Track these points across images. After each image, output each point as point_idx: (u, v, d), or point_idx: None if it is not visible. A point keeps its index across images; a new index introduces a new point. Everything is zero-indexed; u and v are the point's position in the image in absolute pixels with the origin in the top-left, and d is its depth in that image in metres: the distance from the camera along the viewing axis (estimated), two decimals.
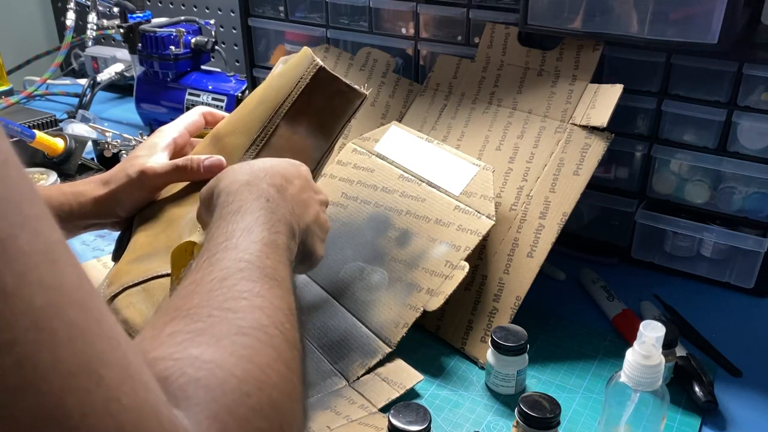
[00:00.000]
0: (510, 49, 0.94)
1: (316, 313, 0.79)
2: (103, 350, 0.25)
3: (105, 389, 0.25)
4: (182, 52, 1.30)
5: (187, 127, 0.76)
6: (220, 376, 0.32)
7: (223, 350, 0.33)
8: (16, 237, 0.24)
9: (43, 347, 0.23)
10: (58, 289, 0.25)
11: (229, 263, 0.41)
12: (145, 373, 0.28)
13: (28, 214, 0.25)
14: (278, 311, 0.39)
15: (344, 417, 0.67)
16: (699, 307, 0.87)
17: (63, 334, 0.24)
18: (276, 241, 0.46)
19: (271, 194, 0.51)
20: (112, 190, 0.70)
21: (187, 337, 0.34)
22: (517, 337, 0.71)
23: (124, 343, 0.27)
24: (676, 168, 0.91)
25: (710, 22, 0.75)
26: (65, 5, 1.51)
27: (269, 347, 0.36)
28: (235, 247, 0.43)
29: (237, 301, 0.38)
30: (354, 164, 0.90)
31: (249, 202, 0.49)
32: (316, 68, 0.72)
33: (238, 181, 0.52)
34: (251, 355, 0.34)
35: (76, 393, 0.24)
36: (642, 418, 0.58)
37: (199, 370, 0.31)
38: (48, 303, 0.24)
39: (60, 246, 0.26)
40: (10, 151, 0.26)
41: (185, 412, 0.29)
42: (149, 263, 0.66)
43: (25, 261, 0.24)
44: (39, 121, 1.28)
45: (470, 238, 0.77)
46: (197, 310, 0.36)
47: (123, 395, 0.25)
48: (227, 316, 0.36)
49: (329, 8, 1.09)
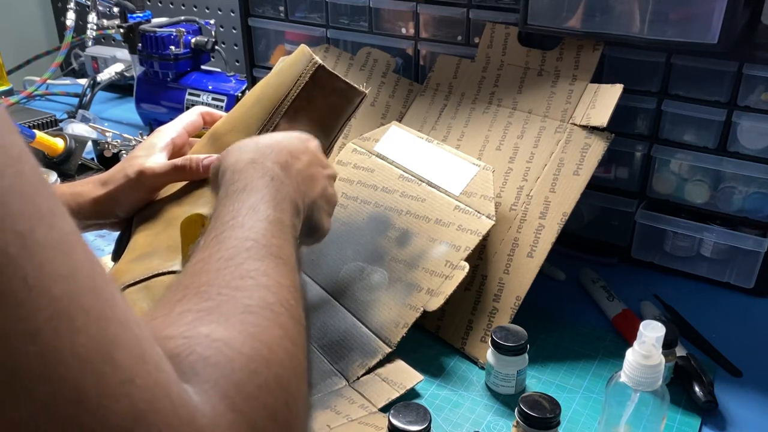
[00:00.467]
0: (510, 49, 0.94)
1: (316, 313, 0.79)
2: (116, 334, 0.26)
3: (119, 371, 0.26)
4: (182, 52, 1.30)
5: (185, 127, 0.76)
6: (228, 354, 0.33)
7: (232, 329, 0.34)
8: (34, 231, 0.25)
9: (63, 334, 0.24)
10: (74, 277, 0.26)
11: (236, 242, 0.42)
12: (156, 353, 0.29)
13: (43, 208, 0.26)
14: (283, 289, 0.40)
15: (344, 416, 0.67)
16: (699, 307, 0.87)
17: (79, 320, 0.25)
18: (281, 219, 0.47)
19: (275, 172, 0.52)
20: (111, 190, 0.70)
21: (197, 316, 0.35)
22: (517, 337, 0.71)
23: (135, 326, 0.28)
24: (676, 168, 0.91)
25: (710, 22, 0.75)
26: (65, 5, 1.51)
27: (276, 325, 0.37)
28: (241, 226, 0.43)
29: (244, 280, 0.38)
30: (354, 164, 0.90)
31: (254, 180, 0.50)
32: (315, 66, 0.72)
33: (243, 159, 0.52)
34: (258, 332, 0.35)
35: (93, 376, 0.25)
36: (642, 418, 0.58)
37: (209, 348, 0.32)
38: (65, 292, 0.25)
39: (72, 236, 0.27)
40: (23, 146, 0.26)
41: (195, 388, 0.30)
42: (150, 262, 0.66)
43: (43, 253, 0.25)
44: (39, 121, 1.28)
45: (470, 238, 0.77)
46: (207, 288, 0.37)
47: (136, 376, 0.26)
48: (235, 294, 0.37)
49: (329, 8, 1.09)
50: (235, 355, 0.33)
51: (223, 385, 0.31)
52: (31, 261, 0.24)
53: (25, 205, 0.25)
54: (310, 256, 0.84)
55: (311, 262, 0.84)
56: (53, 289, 0.25)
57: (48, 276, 0.25)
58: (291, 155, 0.56)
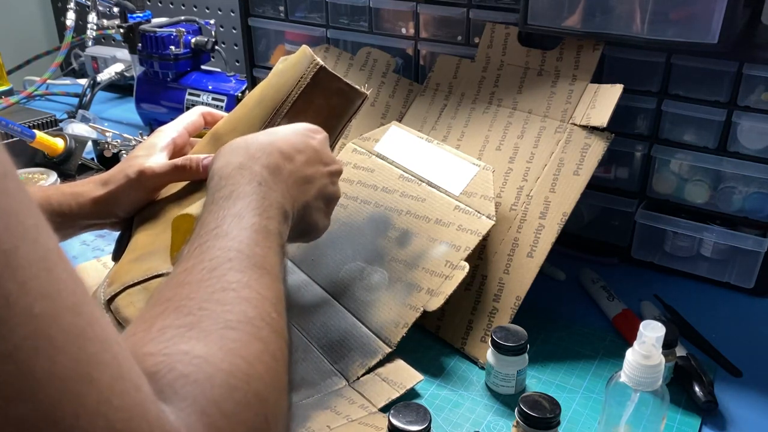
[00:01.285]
0: (510, 49, 0.94)
1: (316, 313, 0.79)
2: (95, 352, 0.26)
3: (97, 391, 0.25)
4: (182, 52, 1.30)
5: (186, 127, 0.76)
6: (208, 371, 0.32)
7: (212, 345, 0.34)
8: (17, 248, 0.24)
9: (41, 354, 0.24)
10: (56, 296, 0.25)
11: (219, 252, 0.41)
12: (135, 372, 0.28)
13: (27, 225, 0.25)
14: (265, 301, 0.40)
15: (344, 417, 0.67)
16: (699, 307, 0.87)
17: (59, 340, 0.25)
18: (267, 227, 0.46)
19: (263, 177, 0.51)
20: (111, 190, 0.70)
21: (177, 333, 0.34)
22: (517, 337, 0.71)
23: (115, 345, 0.28)
24: (676, 168, 0.91)
25: (710, 22, 0.75)
26: (65, 5, 1.51)
27: (256, 340, 0.36)
28: (225, 235, 0.43)
29: (225, 293, 0.38)
30: (354, 164, 0.90)
31: (241, 186, 0.49)
32: (316, 68, 0.72)
33: (231, 164, 0.52)
34: (238, 348, 0.35)
35: (70, 396, 0.24)
36: (642, 418, 0.58)
37: (188, 365, 0.32)
38: (45, 310, 0.25)
39: (55, 253, 0.27)
40: (9, 162, 0.26)
41: (174, 407, 0.30)
42: (150, 262, 0.66)
43: (25, 271, 0.24)
44: (39, 121, 1.28)
45: (470, 238, 0.77)
46: (187, 302, 0.37)
47: (114, 396, 0.26)
48: (215, 309, 0.37)
49: (329, 8, 1.09)
50: (214, 371, 0.33)
51: (202, 402, 0.31)
52: (15, 279, 0.24)
53: (9, 223, 0.25)
54: (310, 256, 0.84)
55: (311, 262, 0.84)
56: (34, 308, 0.24)
57: (29, 294, 0.24)
58: (284, 157, 0.56)
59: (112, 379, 0.26)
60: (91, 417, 0.25)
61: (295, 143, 0.58)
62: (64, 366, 0.25)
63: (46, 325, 0.25)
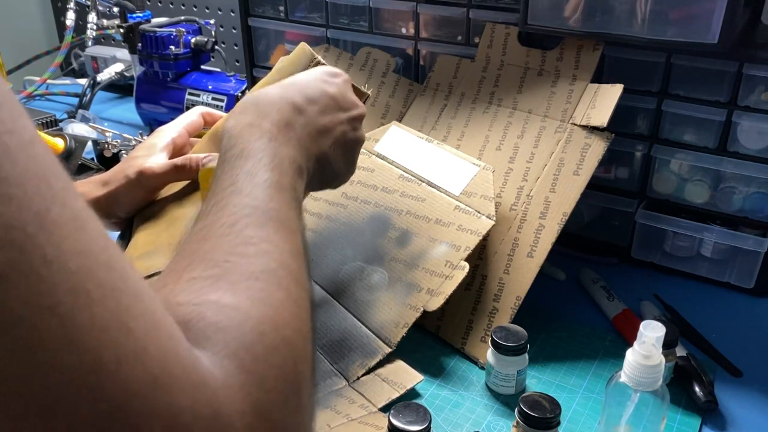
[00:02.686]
0: (510, 49, 0.94)
1: (316, 313, 0.79)
2: (130, 305, 0.28)
3: (134, 340, 0.27)
4: (182, 52, 1.30)
5: (186, 127, 0.76)
6: (237, 318, 0.34)
7: (240, 294, 0.36)
8: (49, 210, 0.26)
9: (80, 307, 0.26)
10: (88, 253, 0.27)
11: (235, 209, 0.42)
12: (167, 321, 0.30)
13: (56, 188, 0.27)
14: (285, 253, 0.41)
15: (344, 416, 0.67)
16: (699, 307, 0.87)
17: (95, 293, 0.26)
18: (280, 182, 0.47)
19: (273, 133, 0.51)
20: (111, 190, 0.70)
21: (205, 284, 0.36)
22: (517, 337, 0.71)
23: (147, 297, 0.29)
24: (676, 168, 0.91)
25: (710, 22, 0.75)
26: (65, 5, 1.51)
27: (279, 289, 0.38)
28: (239, 192, 0.44)
29: (246, 246, 0.40)
30: None
31: (251, 143, 0.50)
32: (316, 65, 0.72)
33: (241, 122, 0.52)
34: (264, 297, 0.37)
35: (110, 346, 0.26)
36: (642, 418, 0.58)
37: (218, 313, 0.34)
38: (81, 267, 0.26)
39: (85, 213, 0.28)
40: (34, 129, 0.28)
41: (207, 352, 0.31)
42: (151, 260, 0.66)
43: (59, 231, 0.26)
44: (39, 121, 1.28)
45: (470, 238, 0.77)
46: (212, 255, 0.39)
47: (150, 344, 0.28)
48: (240, 261, 0.38)
49: (329, 8, 1.09)
50: (243, 318, 0.34)
51: (233, 347, 0.32)
52: (49, 239, 0.25)
53: (39, 187, 0.26)
54: (310, 256, 0.84)
55: (311, 262, 0.84)
56: (70, 265, 0.26)
57: (64, 252, 0.26)
58: (295, 110, 0.55)
59: (147, 329, 0.28)
60: (131, 365, 0.26)
61: (309, 93, 0.58)
62: (102, 317, 0.26)
63: (83, 280, 0.26)
